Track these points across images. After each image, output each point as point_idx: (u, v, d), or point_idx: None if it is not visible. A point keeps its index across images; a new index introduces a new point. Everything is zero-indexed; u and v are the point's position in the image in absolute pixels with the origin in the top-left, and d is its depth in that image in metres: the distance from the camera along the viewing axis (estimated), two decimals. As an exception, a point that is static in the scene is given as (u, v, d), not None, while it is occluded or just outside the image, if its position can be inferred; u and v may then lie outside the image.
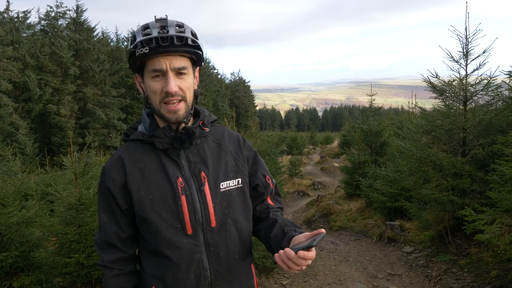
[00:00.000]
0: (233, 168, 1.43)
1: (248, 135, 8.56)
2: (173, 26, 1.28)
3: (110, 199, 1.36)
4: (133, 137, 1.40)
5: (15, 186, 3.92)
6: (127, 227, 1.38)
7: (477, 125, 4.83)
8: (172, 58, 1.28)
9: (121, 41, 37.77)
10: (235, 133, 1.54)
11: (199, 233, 1.32)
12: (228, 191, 1.38)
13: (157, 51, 1.25)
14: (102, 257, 1.39)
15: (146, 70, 1.31)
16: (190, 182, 1.34)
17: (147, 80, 1.31)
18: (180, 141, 1.35)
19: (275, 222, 1.42)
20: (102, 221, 1.38)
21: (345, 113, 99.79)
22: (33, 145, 21.38)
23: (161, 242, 1.30)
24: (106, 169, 1.38)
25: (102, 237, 1.39)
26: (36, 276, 3.59)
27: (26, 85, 24.18)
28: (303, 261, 1.18)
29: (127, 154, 1.38)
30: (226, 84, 53.78)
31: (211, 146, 1.43)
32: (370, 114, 11.10)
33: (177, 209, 1.30)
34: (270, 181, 1.53)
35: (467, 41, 4.98)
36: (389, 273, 5.10)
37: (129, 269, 1.41)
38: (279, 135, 27.28)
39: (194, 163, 1.37)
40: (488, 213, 3.66)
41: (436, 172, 4.93)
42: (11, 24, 25.83)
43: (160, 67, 1.27)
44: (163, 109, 1.31)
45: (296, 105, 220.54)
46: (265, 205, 1.53)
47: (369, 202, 8.24)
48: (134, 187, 1.33)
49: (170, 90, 1.27)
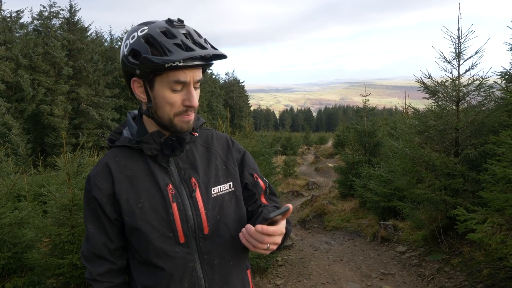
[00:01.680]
0: (224, 172, 1.38)
1: (243, 135, 8.56)
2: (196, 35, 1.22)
3: (97, 208, 1.29)
4: (119, 143, 1.33)
5: (7, 187, 3.90)
6: (116, 237, 1.31)
7: (469, 125, 4.87)
8: (195, 70, 1.22)
9: (115, 41, 37.63)
10: (223, 135, 1.50)
11: (192, 241, 1.28)
12: (220, 196, 1.34)
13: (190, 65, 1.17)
14: (90, 270, 1.32)
15: (163, 79, 1.20)
16: (180, 188, 1.29)
17: (162, 90, 1.21)
18: (171, 148, 1.30)
19: (260, 214, 1.37)
20: (89, 232, 1.31)
21: (339, 114, 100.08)
22: (26, 146, 21.27)
23: (152, 252, 1.25)
24: (92, 178, 1.30)
25: (90, 248, 1.32)
26: (29, 277, 3.58)
27: (19, 85, 24.02)
28: (264, 237, 1.12)
29: (114, 161, 1.31)
30: (220, 84, 53.74)
31: (200, 150, 1.38)
32: (364, 115, 11.14)
33: (168, 217, 1.25)
34: (259, 179, 1.47)
35: (460, 42, 5.03)
36: (383, 272, 5.13)
37: (119, 281, 1.35)
38: (274, 136, 27.28)
39: (183, 169, 1.32)
40: (480, 213, 3.69)
41: (429, 172, 4.97)
42: (4, 24, 25.64)
43: (185, 79, 1.19)
44: (177, 120, 1.24)
45: (290, 106, 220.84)
46: (257, 204, 1.46)
47: (363, 202, 8.28)
48: (123, 196, 1.27)
49: (194, 104, 1.23)
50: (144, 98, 1.26)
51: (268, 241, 1.13)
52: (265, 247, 1.14)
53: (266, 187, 1.49)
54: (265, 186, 1.49)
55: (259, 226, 1.11)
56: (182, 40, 1.17)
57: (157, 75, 1.19)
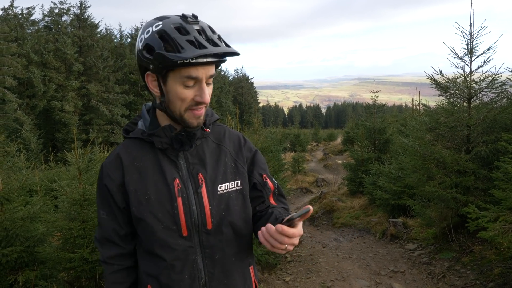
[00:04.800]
0: (232, 170, 1.39)
1: (252, 132, 8.55)
2: (210, 31, 1.23)
3: (108, 197, 1.35)
4: (133, 135, 1.37)
5: (19, 181, 3.94)
6: (125, 224, 1.37)
7: (481, 122, 4.81)
8: (208, 67, 1.23)
9: (125, 37, 37.83)
10: (236, 132, 1.51)
11: (195, 235, 1.31)
12: (227, 194, 1.35)
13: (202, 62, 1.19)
14: (102, 253, 1.40)
15: (176, 75, 1.21)
16: (187, 183, 1.32)
17: (175, 85, 1.23)
18: (180, 142, 1.32)
19: (270, 214, 1.39)
20: (101, 217, 1.39)
21: (348, 110, 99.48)
22: (37, 141, 21.51)
23: (156, 243, 1.30)
24: (105, 167, 1.36)
25: (102, 233, 1.40)
26: (40, 271, 3.63)
27: (30, 81, 24.31)
28: (284, 238, 1.13)
29: (126, 152, 1.36)
30: (229, 81, 53.79)
31: (211, 147, 1.40)
32: (374, 111, 11.06)
33: (173, 210, 1.28)
34: (268, 180, 1.48)
35: (472, 38, 4.95)
36: (392, 270, 5.10)
37: (128, 264, 1.41)
38: (283, 132, 27.26)
39: (192, 164, 1.34)
40: (491, 211, 3.65)
41: (440, 169, 4.92)
42: (15, 21, 25.93)
43: (197, 75, 1.21)
44: (187, 114, 1.27)
45: (299, 102, 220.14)
46: (266, 204, 1.48)
47: (372, 199, 8.24)
48: (131, 186, 1.31)
49: (206, 101, 1.24)
50: (158, 92, 1.28)
51: (287, 242, 1.14)
52: (283, 247, 1.15)
53: (275, 188, 1.51)
54: (274, 187, 1.50)
55: (279, 227, 1.12)
56: (195, 36, 1.18)
57: (170, 71, 1.21)
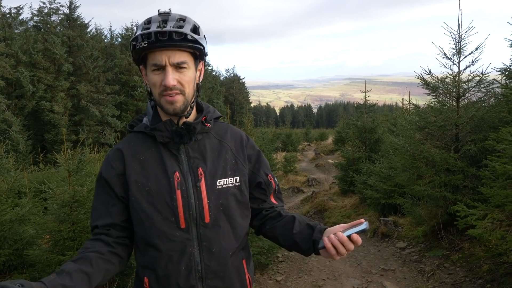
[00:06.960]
0: (232, 166, 1.44)
1: (243, 131, 8.55)
2: (174, 20, 1.29)
3: (105, 187, 1.39)
4: (136, 129, 1.44)
5: (8, 183, 3.90)
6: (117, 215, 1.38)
7: (469, 121, 4.87)
8: (171, 53, 1.29)
9: (115, 37, 37.52)
10: (239, 131, 1.56)
11: (192, 228, 1.34)
12: (225, 189, 1.40)
13: (155, 45, 1.27)
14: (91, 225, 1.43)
15: (148, 63, 1.33)
16: (187, 177, 1.36)
17: (149, 73, 1.34)
18: (180, 135, 1.37)
19: (293, 219, 1.46)
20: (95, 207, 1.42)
21: (339, 110, 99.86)
22: (26, 142, 21.26)
23: (154, 233, 1.33)
24: (108, 158, 1.43)
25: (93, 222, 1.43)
26: (30, 274, 3.59)
27: (18, 81, 23.99)
28: (352, 246, 1.25)
29: (129, 145, 1.42)
30: (221, 81, 53.66)
31: (213, 142, 1.45)
32: (365, 111, 11.13)
33: (172, 202, 1.33)
34: (272, 179, 1.55)
35: (460, 38, 5.02)
36: (383, 268, 5.14)
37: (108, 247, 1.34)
38: (274, 132, 27.26)
39: (193, 158, 1.39)
40: (480, 209, 3.70)
41: (429, 168, 4.97)
42: (3, 20, 25.56)
43: (159, 62, 1.29)
44: (162, 100, 1.33)
45: (291, 102, 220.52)
46: (270, 203, 1.55)
47: (363, 198, 8.29)
48: (132, 177, 1.36)
49: (168, 84, 1.29)
50: (147, 84, 1.39)
51: (351, 250, 1.27)
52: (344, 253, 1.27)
53: (276, 186, 1.58)
54: (275, 185, 1.58)
55: (354, 236, 1.26)
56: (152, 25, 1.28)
57: (146, 61, 1.34)
